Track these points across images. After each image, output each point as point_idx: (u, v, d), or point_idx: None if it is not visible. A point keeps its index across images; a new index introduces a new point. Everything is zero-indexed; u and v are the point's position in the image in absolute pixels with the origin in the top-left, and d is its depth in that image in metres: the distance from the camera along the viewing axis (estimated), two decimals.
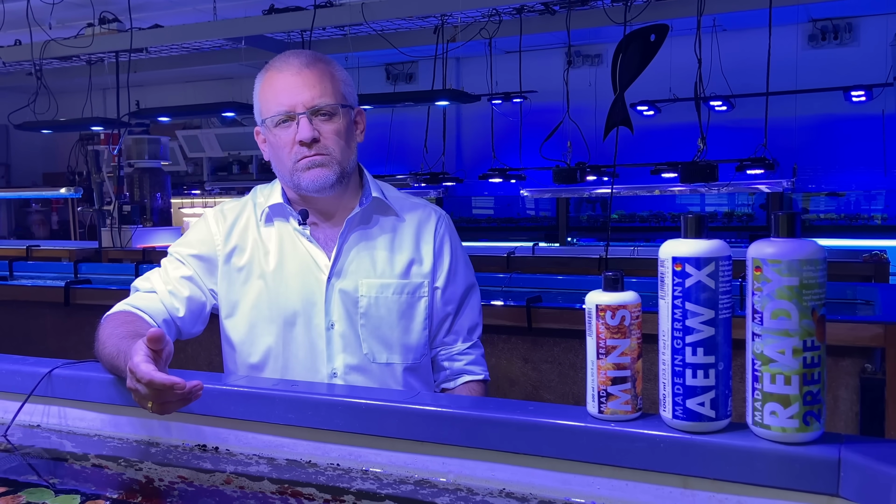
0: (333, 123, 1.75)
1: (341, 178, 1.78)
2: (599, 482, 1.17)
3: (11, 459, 1.46)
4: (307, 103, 1.73)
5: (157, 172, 7.00)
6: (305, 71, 1.74)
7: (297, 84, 1.73)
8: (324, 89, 1.74)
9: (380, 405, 1.33)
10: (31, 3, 5.73)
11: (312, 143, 1.73)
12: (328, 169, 1.75)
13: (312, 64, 1.76)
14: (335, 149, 1.76)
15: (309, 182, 1.75)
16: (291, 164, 1.76)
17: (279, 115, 1.74)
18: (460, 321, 1.93)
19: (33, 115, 6.58)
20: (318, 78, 1.75)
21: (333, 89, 1.76)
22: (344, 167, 1.78)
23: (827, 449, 1.04)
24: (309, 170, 1.74)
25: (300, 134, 1.72)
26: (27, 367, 1.61)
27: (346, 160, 1.78)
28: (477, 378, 1.94)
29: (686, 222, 1.11)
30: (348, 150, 1.79)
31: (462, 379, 1.93)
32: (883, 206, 7.66)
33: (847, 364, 2.47)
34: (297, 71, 1.74)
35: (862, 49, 7.58)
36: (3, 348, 1.86)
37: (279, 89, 1.75)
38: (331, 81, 1.76)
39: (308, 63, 1.76)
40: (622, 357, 1.16)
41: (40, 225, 11.11)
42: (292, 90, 1.73)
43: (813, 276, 1.03)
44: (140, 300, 1.78)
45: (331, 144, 1.75)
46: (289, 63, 1.76)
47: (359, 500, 1.23)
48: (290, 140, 1.74)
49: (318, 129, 1.74)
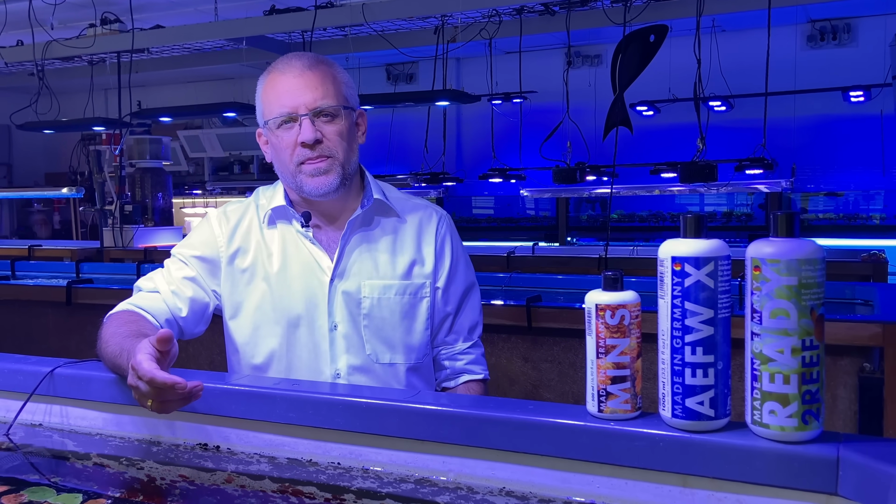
0: (335, 125, 1.76)
1: (344, 181, 1.78)
2: (599, 481, 1.17)
3: (14, 458, 1.46)
4: (309, 105, 1.73)
5: (159, 172, 7.00)
6: (308, 73, 1.75)
7: (299, 86, 1.74)
8: (326, 91, 1.74)
9: (380, 404, 1.33)
10: (33, 3, 5.73)
11: (315, 144, 1.73)
12: (332, 174, 1.75)
13: (315, 66, 1.76)
14: (338, 150, 1.76)
15: (313, 188, 1.76)
16: (294, 165, 1.76)
17: (281, 116, 1.74)
18: (461, 321, 1.93)
19: (35, 116, 6.58)
20: (321, 80, 1.75)
21: (335, 91, 1.76)
22: (346, 169, 1.78)
23: (825, 448, 1.04)
24: (313, 177, 1.75)
25: (302, 135, 1.72)
26: (29, 366, 1.61)
27: (348, 162, 1.79)
28: (477, 377, 1.94)
29: (685, 222, 1.10)
30: (350, 152, 1.80)
31: (462, 378, 1.94)
32: (881, 206, 7.66)
33: (846, 363, 2.47)
34: (300, 73, 1.75)
35: (860, 49, 7.58)
36: (6, 347, 1.86)
37: (282, 91, 1.75)
38: (333, 83, 1.77)
39: (311, 65, 1.76)
40: (622, 356, 1.16)
41: (42, 225, 11.11)
42: (295, 92, 1.74)
43: (812, 276, 1.03)
44: (143, 300, 1.78)
45: (333, 146, 1.75)
46: (291, 65, 1.77)
47: (359, 498, 1.23)
48: (293, 141, 1.74)
49: (321, 130, 1.74)
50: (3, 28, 6.23)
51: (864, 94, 6.99)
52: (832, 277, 3.21)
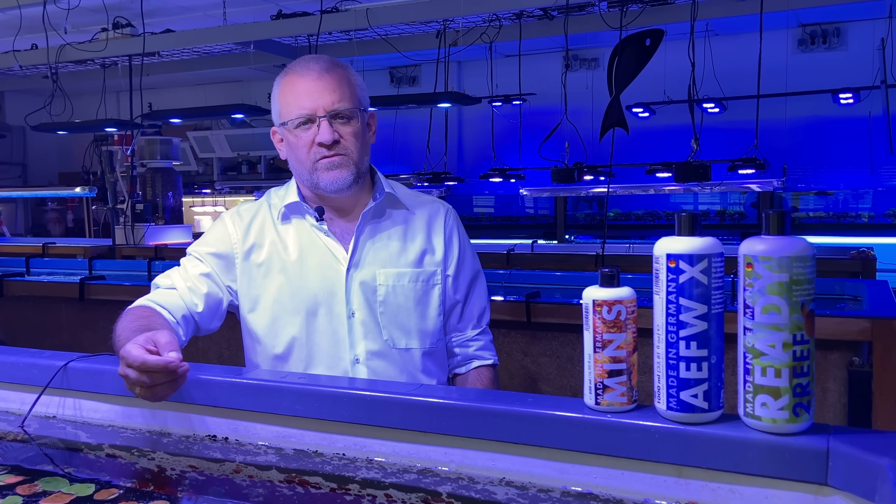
0: (351, 126, 1.78)
1: (357, 178, 1.82)
2: (596, 471, 1.17)
3: (28, 449, 1.47)
4: (328, 107, 1.75)
5: (169, 172, 6.99)
6: (326, 76, 1.77)
7: (318, 89, 1.75)
8: (343, 94, 1.77)
9: (384, 397, 1.33)
10: (47, 8, 5.73)
11: (333, 144, 1.76)
12: (346, 170, 1.78)
13: (332, 69, 1.78)
14: (353, 150, 1.79)
15: (328, 182, 1.79)
16: (311, 163, 1.78)
17: (300, 117, 1.77)
18: (470, 307, 1.97)
19: (49, 117, 6.57)
20: (338, 83, 1.77)
21: (351, 94, 1.79)
22: (360, 168, 1.82)
23: (816, 439, 1.04)
24: (329, 171, 1.78)
25: (321, 136, 1.75)
26: (43, 360, 1.61)
27: (361, 161, 1.82)
28: (487, 363, 1.98)
29: (680, 220, 1.10)
30: (364, 152, 1.83)
31: (473, 364, 1.97)
32: (870, 205, 7.65)
33: (835, 357, 2.47)
34: (318, 76, 1.76)
35: (849, 53, 7.57)
36: (21, 342, 1.86)
37: (300, 93, 1.77)
38: (348, 86, 1.79)
39: (328, 68, 1.78)
40: (618, 350, 1.16)
41: (56, 223, 11.12)
42: (313, 94, 1.75)
43: (802, 273, 1.03)
44: (160, 296, 1.80)
45: (349, 146, 1.78)
46: (309, 68, 1.78)
47: (364, 488, 1.23)
48: (311, 141, 1.77)
49: (338, 131, 1.77)
50: (18, 32, 6.24)
51: (853, 97, 6.98)
52: (822, 274, 3.20)
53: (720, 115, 7.38)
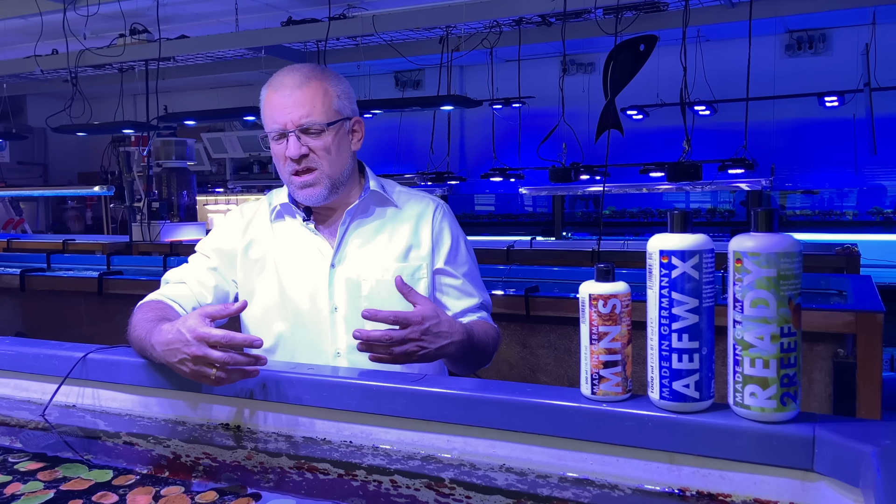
0: (321, 140, 1.74)
1: (333, 189, 1.78)
2: (592, 458, 1.17)
3: (49, 437, 1.47)
4: (296, 122, 1.71)
5: (184, 172, 6.98)
6: (297, 92, 1.72)
7: (288, 105, 1.72)
8: (313, 108, 1.72)
9: (389, 387, 1.33)
10: (67, 15, 5.73)
11: (301, 158, 1.73)
12: (319, 186, 1.76)
13: (305, 83, 1.73)
14: (323, 163, 1.75)
15: (303, 199, 1.79)
16: (287, 175, 1.77)
17: (273, 132, 1.74)
18: (470, 292, 1.89)
19: (69, 119, 6.58)
20: (310, 97, 1.72)
21: (324, 107, 1.73)
22: (335, 178, 1.78)
23: (802, 427, 1.04)
24: (301, 189, 1.76)
25: (288, 151, 1.72)
26: (63, 351, 1.62)
27: (336, 172, 1.77)
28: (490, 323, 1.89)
29: (672, 218, 1.10)
30: (338, 163, 1.78)
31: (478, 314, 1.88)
32: (854, 203, 7.64)
33: (821, 349, 2.46)
34: (290, 92, 1.72)
35: (835, 58, 7.55)
36: (41, 334, 1.86)
37: (273, 107, 1.74)
38: (323, 99, 1.73)
39: (301, 83, 1.73)
40: (613, 342, 1.15)
41: (76, 220, 11.13)
42: (284, 109, 1.72)
43: (789, 268, 1.03)
44: (171, 290, 1.81)
45: (320, 159, 1.75)
46: (283, 83, 1.74)
47: (370, 474, 1.23)
48: (283, 154, 1.75)
49: (308, 145, 1.73)
50: (39, 38, 6.24)
51: (838, 100, 6.97)
52: (808, 269, 3.20)
53: (711, 117, 7.37)
